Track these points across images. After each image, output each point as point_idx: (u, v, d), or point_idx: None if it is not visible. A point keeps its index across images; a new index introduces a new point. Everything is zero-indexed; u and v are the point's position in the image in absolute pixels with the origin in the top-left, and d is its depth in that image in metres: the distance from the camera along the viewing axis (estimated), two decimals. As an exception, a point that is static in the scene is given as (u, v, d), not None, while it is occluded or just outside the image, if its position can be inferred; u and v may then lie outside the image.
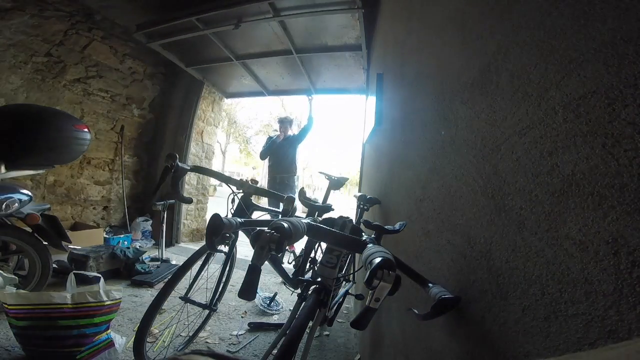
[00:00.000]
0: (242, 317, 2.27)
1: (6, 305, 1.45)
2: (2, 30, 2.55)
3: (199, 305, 1.77)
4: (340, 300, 1.86)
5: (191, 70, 3.79)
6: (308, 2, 2.45)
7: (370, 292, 0.55)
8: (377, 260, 0.54)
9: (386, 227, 0.92)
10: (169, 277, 1.56)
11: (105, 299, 1.55)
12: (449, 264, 0.66)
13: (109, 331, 1.61)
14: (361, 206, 1.81)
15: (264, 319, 2.27)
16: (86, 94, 3.38)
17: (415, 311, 0.63)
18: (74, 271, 1.64)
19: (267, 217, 1.54)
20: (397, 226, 0.92)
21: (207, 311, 1.86)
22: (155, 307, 1.45)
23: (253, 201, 1.75)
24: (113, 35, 3.35)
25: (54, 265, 2.14)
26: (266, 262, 0.71)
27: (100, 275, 1.72)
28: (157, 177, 2.12)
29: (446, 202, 0.70)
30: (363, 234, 0.91)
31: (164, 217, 3.25)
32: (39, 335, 1.45)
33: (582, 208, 0.33)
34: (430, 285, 0.62)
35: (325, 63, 3.39)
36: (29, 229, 2.00)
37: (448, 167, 0.71)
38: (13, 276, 1.78)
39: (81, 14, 3.00)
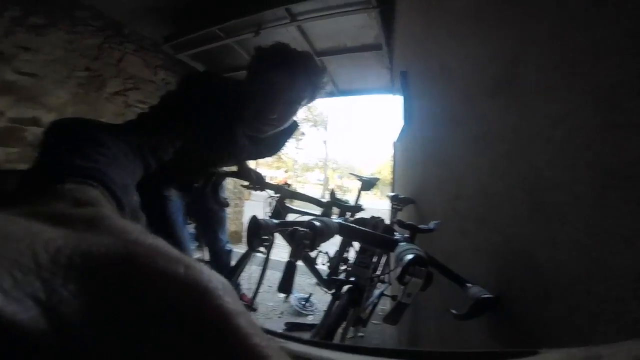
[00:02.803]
0: (279, 317, 2.32)
1: None
2: (42, 46, 2.67)
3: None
4: (376, 301, 1.84)
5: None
6: (322, 5, 2.45)
7: (402, 287, 0.56)
8: (409, 256, 0.55)
9: (420, 226, 0.91)
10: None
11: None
12: (487, 263, 0.64)
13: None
14: (394, 206, 1.79)
15: (300, 319, 2.31)
16: (126, 105, 3.49)
17: (453, 311, 0.62)
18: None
19: (302, 219, 1.58)
20: (431, 225, 0.90)
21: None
22: None
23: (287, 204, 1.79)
24: (143, 47, 3.44)
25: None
26: (302, 264, 0.74)
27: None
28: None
29: (482, 199, 0.69)
30: (396, 233, 0.91)
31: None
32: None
33: (625, 202, 0.32)
34: (468, 285, 0.61)
35: (347, 64, 3.36)
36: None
37: (482, 163, 0.70)
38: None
39: (111, 28, 3.08)
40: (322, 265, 1.92)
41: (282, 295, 2.68)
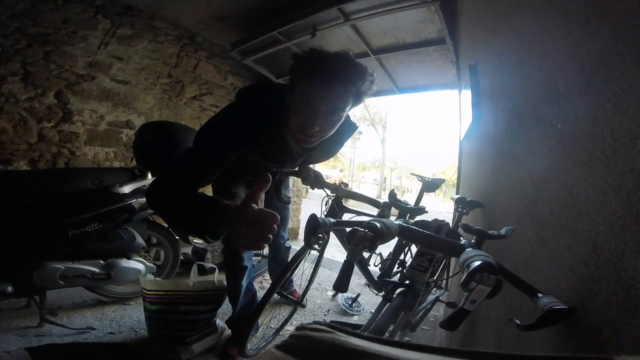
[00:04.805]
0: (324, 315, 2.34)
1: (145, 290, 1.64)
2: (132, 55, 3.00)
3: (292, 300, 1.88)
4: (429, 307, 1.76)
5: (280, 81, 4.08)
6: (376, 3, 2.39)
7: (465, 294, 0.54)
8: (477, 263, 0.53)
9: (489, 232, 0.85)
10: (278, 275, 1.66)
11: (217, 287, 1.72)
12: (566, 274, 0.58)
13: (214, 318, 1.76)
14: (460, 209, 1.68)
15: (345, 319, 2.30)
16: (202, 109, 3.81)
17: (517, 321, 0.58)
18: (197, 262, 1.84)
19: (357, 219, 1.57)
20: (502, 231, 0.83)
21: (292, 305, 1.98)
22: (264, 303, 1.54)
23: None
24: (214, 54, 3.63)
25: (181, 257, 2.42)
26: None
27: (215, 267, 1.93)
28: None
29: (567, 204, 0.62)
30: (462, 238, 0.86)
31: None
32: (164, 318, 1.61)
33: None
34: (539, 295, 0.56)
35: (407, 61, 3.21)
36: (165, 225, 2.29)
37: (568, 165, 0.63)
38: (153, 265, 2.09)
39: (186, 37, 3.30)
40: (374, 267, 1.89)
41: (330, 293, 2.70)
